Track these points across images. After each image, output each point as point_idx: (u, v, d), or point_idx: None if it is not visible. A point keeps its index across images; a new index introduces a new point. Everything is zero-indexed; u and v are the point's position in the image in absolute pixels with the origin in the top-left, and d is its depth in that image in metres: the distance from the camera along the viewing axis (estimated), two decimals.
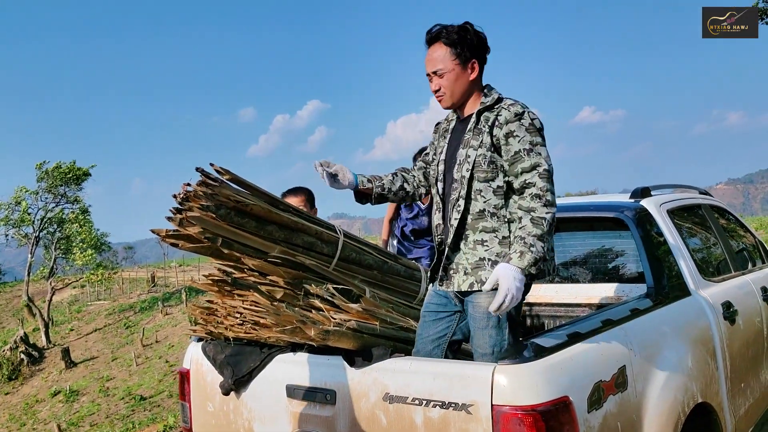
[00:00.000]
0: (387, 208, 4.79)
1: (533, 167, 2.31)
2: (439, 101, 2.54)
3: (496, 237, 2.38)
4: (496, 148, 2.39)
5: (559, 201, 4.02)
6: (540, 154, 2.32)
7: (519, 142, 2.33)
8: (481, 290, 2.36)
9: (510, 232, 2.37)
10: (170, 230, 2.41)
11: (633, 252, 3.48)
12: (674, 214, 3.41)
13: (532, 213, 2.26)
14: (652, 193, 3.48)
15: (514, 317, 2.42)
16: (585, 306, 3.50)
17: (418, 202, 4.56)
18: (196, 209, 2.31)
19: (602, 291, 3.55)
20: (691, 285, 3.06)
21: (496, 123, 2.38)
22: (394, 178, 2.73)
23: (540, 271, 2.25)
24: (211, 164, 2.41)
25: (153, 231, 2.44)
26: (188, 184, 2.35)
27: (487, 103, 2.45)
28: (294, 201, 3.69)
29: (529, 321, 3.75)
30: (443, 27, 2.49)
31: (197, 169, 2.36)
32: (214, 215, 2.34)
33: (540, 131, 2.37)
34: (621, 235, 3.59)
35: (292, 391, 2.47)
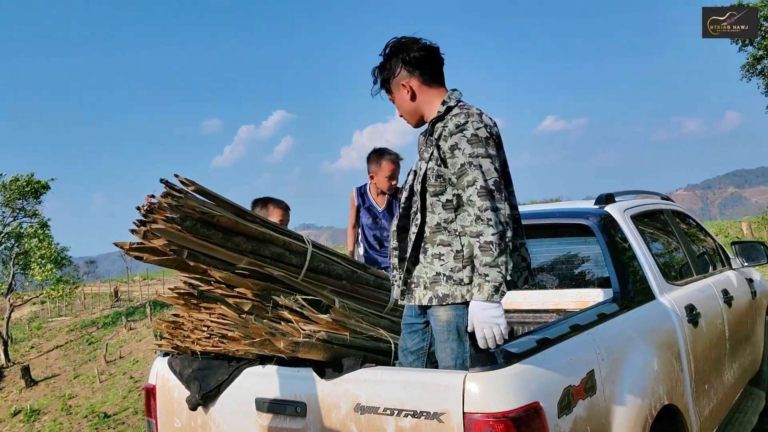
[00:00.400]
0: (349, 215, 4.66)
1: (473, 182, 2.22)
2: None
3: (451, 251, 2.31)
4: (443, 161, 2.32)
5: (525, 208, 4.05)
6: (480, 167, 2.22)
7: (462, 154, 2.25)
8: (440, 304, 2.33)
9: (462, 246, 2.30)
10: (134, 243, 2.36)
11: (599, 257, 3.52)
12: (638, 219, 3.46)
13: (480, 239, 2.18)
14: (616, 199, 3.53)
15: None
16: (553, 312, 3.54)
17: (376, 206, 4.46)
18: (161, 221, 2.28)
19: (569, 296, 3.59)
20: (656, 289, 3.11)
21: (443, 135, 2.32)
22: None
23: (503, 293, 2.19)
24: (176, 175, 2.38)
25: (116, 244, 2.39)
26: (152, 196, 2.32)
27: (442, 112, 2.39)
28: (277, 211, 3.67)
29: None
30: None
31: (162, 181, 2.32)
32: (179, 227, 2.31)
33: (484, 141, 2.25)
34: (587, 241, 3.63)
35: (261, 405, 2.43)
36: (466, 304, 2.29)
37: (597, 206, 3.41)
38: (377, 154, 4.28)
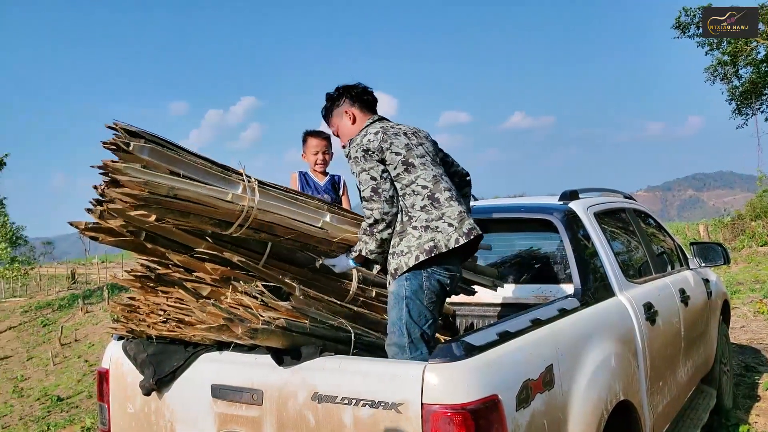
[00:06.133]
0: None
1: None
2: None
3: None
4: None
5: (488, 202, 4.05)
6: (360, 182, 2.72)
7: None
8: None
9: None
10: (90, 223, 2.29)
11: (561, 253, 3.54)
12: (600, 217, 3.49)
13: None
14: (580, 196, 3.55)
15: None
16: (514, 306, 3.55)
17: (318, 182, 4.31)
18: (118, 201, 2.21)
19: (530, 291, 3.61)
20: (615, 286, 3.14)
21: None
22: None
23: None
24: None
25: (71, 223, 2.31)
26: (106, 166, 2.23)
27: None
28: None
29: (459, 321, 3.77)
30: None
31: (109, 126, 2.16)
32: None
33: (355, 160, 2.70)
34: (549, 237, 3.65)
35: (217, 391, 2.39)
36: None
37: (561, 202, 3.43)
38: (304, 135, 4.30)
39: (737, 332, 8.09)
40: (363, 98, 2.96)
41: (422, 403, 1.94)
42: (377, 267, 2.79)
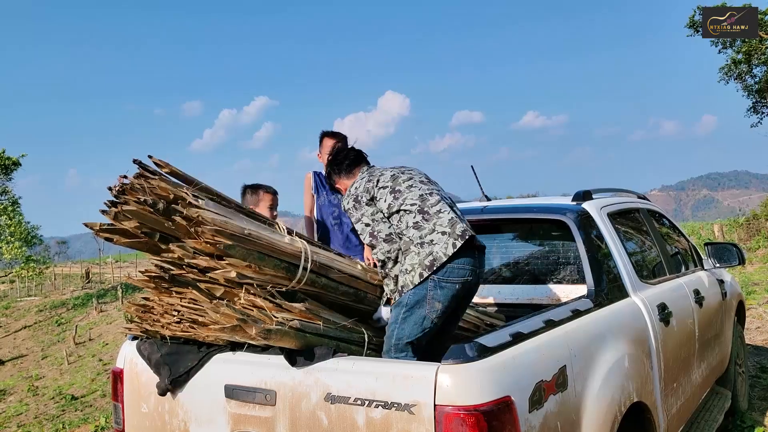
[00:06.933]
0: (304, 201, 4.31)
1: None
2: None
3: None
4: None
5: (501, 202, 4.04)
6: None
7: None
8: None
9: None
10: (104, 224, 2.31)
11: (574, 254, 3.52)
12: (614, 217, 3.47)
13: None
14: (594, 196, 3.53)
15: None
16: (527, 306, 3.54)
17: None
18: (133, 203, 2.22)
19: (543, 292, 3.60)
20: (629, 287, 3.12)
21: None
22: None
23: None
24: (150, 156, 2.32)
25: (86, 224, 2.33)
26: (125, 176, 2.26)
27: None
28: (267, 196, 3.70)
29: None
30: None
31: (135, 161, 2.27)
32: (151, 209, 2.26)
33: (348, 211, 2.95)
34: (563, 237, 3.63)
35: (230, 392, 2.40)
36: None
37: (574, 203, 3.41)
38: (321, 135, 4.29)
39: (752, 333, 8.02)
40: (344, 164, 3.15)
41: (435, 405, 1.94)
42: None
